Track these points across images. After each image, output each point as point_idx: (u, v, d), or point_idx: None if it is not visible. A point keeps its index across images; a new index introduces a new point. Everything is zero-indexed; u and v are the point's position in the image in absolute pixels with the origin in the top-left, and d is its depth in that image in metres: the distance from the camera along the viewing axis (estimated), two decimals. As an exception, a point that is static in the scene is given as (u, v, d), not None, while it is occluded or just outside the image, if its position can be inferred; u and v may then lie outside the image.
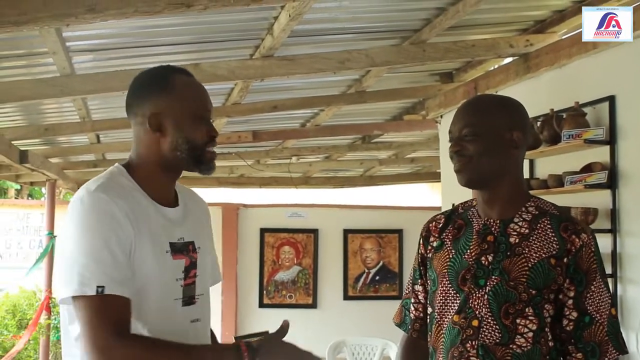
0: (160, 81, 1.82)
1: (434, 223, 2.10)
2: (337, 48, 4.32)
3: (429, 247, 2.06)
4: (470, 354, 1.85)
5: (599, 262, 1.89)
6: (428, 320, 2.05)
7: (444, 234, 2.03)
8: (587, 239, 1.87)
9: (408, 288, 2.17)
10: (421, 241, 2.11)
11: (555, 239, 1.87)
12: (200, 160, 1.83)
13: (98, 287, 1.61)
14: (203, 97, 1.88)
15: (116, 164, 1.84)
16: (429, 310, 2.04)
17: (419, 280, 2.11)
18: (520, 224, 1.91)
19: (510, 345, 1.82)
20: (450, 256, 1.96)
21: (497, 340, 1.83)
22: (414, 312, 2.13)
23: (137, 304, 1.68)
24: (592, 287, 1.85)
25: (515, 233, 1.90)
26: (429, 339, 2.03)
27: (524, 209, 1.94)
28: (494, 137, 1.91)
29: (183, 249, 1.83)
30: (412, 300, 2.13)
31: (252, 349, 1.70)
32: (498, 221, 1.93)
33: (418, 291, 2.12)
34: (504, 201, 1.94)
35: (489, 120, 1.93)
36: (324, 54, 4.28)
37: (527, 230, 1.89)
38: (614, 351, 1.85)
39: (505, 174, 1.93)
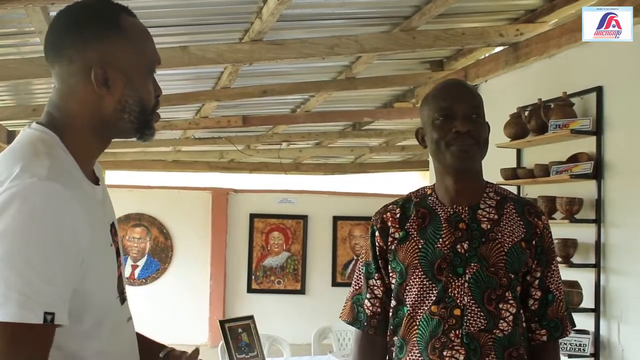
0: (107, 20, 1.39)
1: (388, 214, 2.00)
2: (327, 33, 4.30)
3: (390, 239, 1.96)
4: (455, 343, 1.82)
5: (553, 242, 1.97)
6: (391, 314, 1.96)
7: (408, 224, 1.95)
8: (546, 221, 1.95)
9: (358, 284, 2.05)
10: (377, 233, 1.99)
11: (522, 223, 1.90)
12: (147, 126, 1.45)
13: (47, 313, 1.19)
14: (154, 46, 1.47)
15: (40, 127, 1.38)
16: (393, 303, 1.95)
17: (376, 275, 2.00)
18: (487, 209, 1.91)
19: (494, 331, 1.83)
20: (420, 246, 1.90)
21: (482, 327, 1.82)
22: (370, 307, 2.00)
23: (78, 313, 1.30)
24: (552, 266, 1.93)
25: (485, 219, 1.90)
26: (392, 333, 1.96)
27: (485, 195, 1.95)
28: (487, 126, 1.94)
29: (111, 235, 1.46)
30: (368, 296, 2.01)
31: None
32: (467, 208, 1.91)
33: (374, 286, 2.00)
34: (473, 188, 1.94)
35: (483, 107, 1.94)
36: (313, 39, 4.26)
37: (496, 216, 1.90)
38: (570, 326, 1.94)
39: (480, 163, 1.96)
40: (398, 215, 1.97)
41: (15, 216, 1.20)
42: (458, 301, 1.84)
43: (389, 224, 1.97)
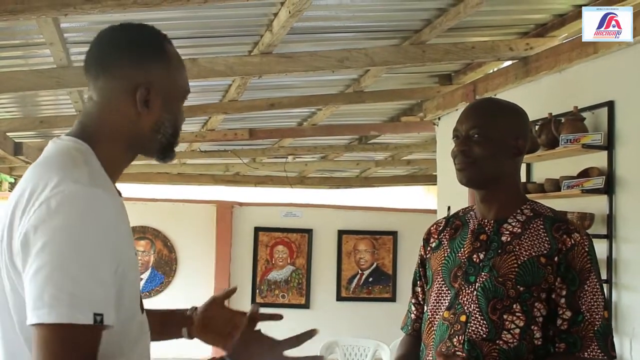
0: (154, 46, 1.50)
1: (434, 226, 2.15)
2: (337, 46, 4.30)
3: (428, 248, 2.11)
4: (457, 349, 1.86)
5: (594, 262, 1.88)
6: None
7: (442, 235, 2.08)
8: (580, 239, 1.87)
9: (411, 290, 2.22)
10: (422, 243, 2.16)
11: (547, 238, 1.88)
12: (172, 148, 1.55)
13: (96, 315, 1.23)
14: (187, 76, 1.59)
15: (72, 138, 1.44)
16: (425, 308, 2.07)
17: (418, 282, 2.16)
18: (513, 224, 1.94)
19: (497, 341, 1.83)
20: (446, 255, 2.01)
21: (484, 336, 1.84)
22: (414, 312, 2.17)
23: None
24: (586, 286, 1.85)
25: (507, 232, 1.92)
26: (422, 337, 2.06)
27: (519, 211, 1.96)
28: (500, 142, 1.94)
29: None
30: (413, 301, 2.18)
31: None
32: (492, 221, 1.96)
33: (417, 292, 2.17)
34: (500, 203, 1.97)
35: (498, 125, 1.95)
36: (323, 52, 4.26)
37: (519, 230, 1.92)
38: (598, 350, 1.82)
39: (504, 177, 1.97)
40: (441, 227, 2.11)
41: (63, 220, 1.26)
42: (465, 308, 1.89)
43: (432, 235, 2.13)
